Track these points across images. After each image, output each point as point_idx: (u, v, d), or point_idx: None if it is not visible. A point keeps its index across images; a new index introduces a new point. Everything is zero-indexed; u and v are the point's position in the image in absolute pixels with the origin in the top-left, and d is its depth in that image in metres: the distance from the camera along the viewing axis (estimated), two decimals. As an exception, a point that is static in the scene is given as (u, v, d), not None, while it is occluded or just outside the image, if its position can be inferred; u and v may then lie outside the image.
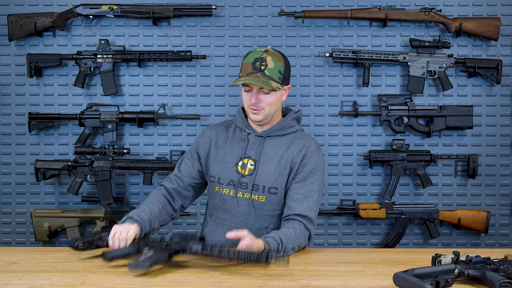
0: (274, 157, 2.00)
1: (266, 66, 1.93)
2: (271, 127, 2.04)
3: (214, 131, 2.11)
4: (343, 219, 2.94)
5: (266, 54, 1.95)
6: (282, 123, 2.05)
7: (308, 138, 2.06)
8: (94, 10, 2.82)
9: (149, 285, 1.47)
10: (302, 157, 1.99)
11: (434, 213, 2.82)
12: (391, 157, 2.81)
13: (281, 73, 1.97)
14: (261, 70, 1.92)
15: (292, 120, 2.07)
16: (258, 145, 2.02)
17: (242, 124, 2.07)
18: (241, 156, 2.01)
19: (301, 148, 2.01)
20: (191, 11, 2.82)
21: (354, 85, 2.90)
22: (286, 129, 2.05)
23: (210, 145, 2.08)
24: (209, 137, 2.10)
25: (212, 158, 2.06)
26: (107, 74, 2.84)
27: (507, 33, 2.87)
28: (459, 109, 2.82)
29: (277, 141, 2.03)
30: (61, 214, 2.85)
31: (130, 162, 2.82)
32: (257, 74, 1.92)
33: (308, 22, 2.89)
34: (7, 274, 1.58)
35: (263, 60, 1.94)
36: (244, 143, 2.03)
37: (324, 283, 1.48)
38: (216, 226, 2.06)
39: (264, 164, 1.99)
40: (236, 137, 2.07)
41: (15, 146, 2.94)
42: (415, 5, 2.88)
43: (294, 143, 2.02)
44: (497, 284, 1.34)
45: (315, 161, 2.00)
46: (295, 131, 2.06)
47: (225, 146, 2.06)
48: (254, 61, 1.94)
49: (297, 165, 1.98)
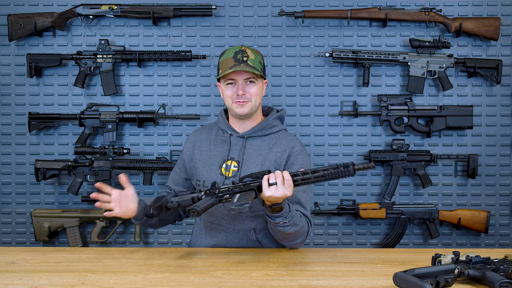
0: (257, 158, 1.98)
1: (248, 57, 1.95)
2: (252, 128, 2.02)
3: (197, 135, 2.12)
4: (343, 219, 2.94)
5: (244, 47, 1.98)
6: (264, 123, 2.03)
7: (291, 138, 2.04)
8: (94, 10, 2.82)
9: (149, 285, 1.47)
10: (286, 157, 1.98)
11: (434, 213, 2.82)
12: (391, 157, 2.81)
13: (261, 65, 2.00)
14: (244, 61, 1.93)
15: (274, 119, 2.06)
16: (241, 146, 2.01)
17: (224, 125, 2.06)
18: (225, 158, 2.00)
19: (285, 149, 1.99)
20: (191, 11, 2.82)
21: (354, 85, 2.90)
22: (268, 129, 2.03)
23: (194, 149, 2.09)
24: (192, 142, 2.11)
25: (197, 162, 2.06)
26: (107, 74, 2.84)
27: (507, 33, 2.87)
28: (459, 109, 2.82)
29: (259, 141, 2.02)
30: (61, 214, 2.85)
31: (130, 162, 2.82)
32: (241, 65, 1.93)
33: (308, 22, 2.89)
34: (7, 274, 1.58)
35: (244, 52, 1.96)
36: (227, 145, 2.02)
37: (324, 283, 1.48)
38: (205, 229, 2.06)
39: (248, 165, 1.97)
40: (219, 139, 2.06)
41: (15, 146, 2.94)
42: (415, 5, 2.88)
43: (277, 144, 2.01)
44: (497, 284, 1.34)
45: (301, 161, 1.98)
46: (277, 131, 2.05)
47: (208, 149, 2.06)
48: (235, 54, 1.95)
49: (282, 166, 1.97)
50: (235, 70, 1.92)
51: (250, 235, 1.98)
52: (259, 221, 1.98)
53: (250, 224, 1.98)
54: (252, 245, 1.99)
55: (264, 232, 1.99)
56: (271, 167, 1.96)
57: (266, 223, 1.97)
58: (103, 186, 1.89)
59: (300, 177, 1.70)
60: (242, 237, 1.98)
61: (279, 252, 1.87)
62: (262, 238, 2.00)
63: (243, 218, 1.97)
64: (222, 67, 1.97)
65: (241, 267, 1.64)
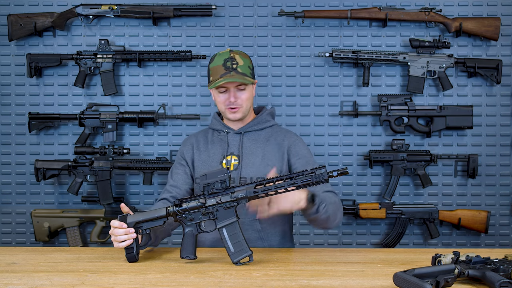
0: (256, 150, 2.06)
1: (237, 64, 2.00)
2: (248, 123, 2.11)
3: (193, 138, 2.17)
4: (343, 219, 2.93)
5: (233, 53, 2.02)
6: (258, 118, 2.12)
7: (285, 130, 2.14)
8: (94, 10, 2.83)
9: (149, 285, 1.47)
10: (287, 149, 2.05)
11: (434, 213, 2.82)
12: (391, 157, 2.81)
13: (250, 69, 2.05)
14: (234, 69, 1.99)
15: (267, 115, 2.15)
16: (239, 142, 2.08)
17: (220, 125, 2.13)
18: (224, 155, 2.07)
19: (283, 139, 2.08)
20: (191, 11, 2.82)
21: (354, 85, 2.90)
22: (263, 124, 2.12)
23: (193, 150, 2.13)
24: (190, 144, 2.15)
25: (197, 161, 2.11)
26: (107, 74, 2.84)
27: (507, 33, 2.87)
28: (459, 109, 2.82)
29: (256, 135, 2.10)
30: (61, 214, 2.85)
31: (130, 162, 2.82)
32: (231, 73, 1.98)
33: (308, 22, 2.89)
34: (7, 274, 1.58)
35: (233, 59, 2.01)
36: (225, 142, 2.09)
37: (324, 283, 1.48)
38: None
39: (248, 157, 2.05)
40: (216, 139, 2.13)
41: (15, 146, 2.94)
42: (415, 5, 2.88)
43: (273, 136, 2.10)
44: (497, 284, 1.34)
45: (301, 149, 2.07)
46: (271, 125, 2.14)
47: (206, 148, 2.11)
48: (225, 62, 2.00)
49: (285, 157, 2.04)
50: (227, 80, 1.97)
51: (254, 224, 2.01)
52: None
53: (255, 213, 2.00)
54: (256, 236, 2.01)
55: (269, 222, 2.02)
56: (271, 159, 2.03)
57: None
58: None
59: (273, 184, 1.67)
60: (247, 227, 2.01)
61: (279, 252, 1.87)
62: (266, 227, 2.03)
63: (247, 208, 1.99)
64: (213, 75, 2.04)
65: (241, 267, 1.64)
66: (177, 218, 1.72)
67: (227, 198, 1.69)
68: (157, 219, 1.72)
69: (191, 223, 1.71)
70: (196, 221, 1.71)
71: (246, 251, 1.67)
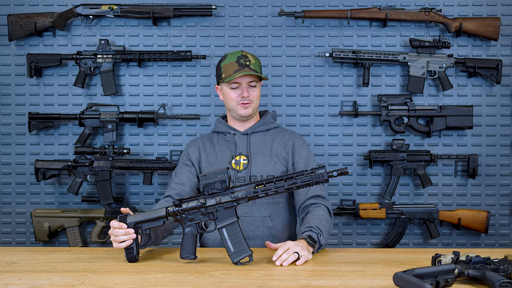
0: (264, 149, 2.11)
1: (250, 61, 2.07)
2: (254, 124, 2.16)
3: (199, 141, 2.20)
4: (343, 219, 2.93)
5: (245, 52, 2.10)
6: (264, 119, 2.19)
7: (290, 131, 2.22)
8: (94, 10, 2.82)
9: (149, 285, 1.47)
10: (291, 150, 2.11)
11: (434, 213, 2.82)
12: (391, 157, 2.81)
13: (260, 68, 2.12)
14: (247, 65, 2.06)
15: (271, 117, 2.22)
16: (246, 142, 2.13)
17: (226, 128, 2.17)
18: (233, 155, 2.10)
19: (288, 139, 2.15)
20: (191, 11, 2.82)
21: (354, 85, 2.90)
22: (268, 125, 2.19)
23: (200, 152, 2.16)
24: (196, 146, 2.18)
25: (204, 163, 2.13)
26: (107, 74, 2.84)
27: (507, 33, 2.87)
28: (459, 109, 2.82)
29: (262, 136, 2.16)
30: (61, 214, 2.85)
31: (130, 162, 2.82)
32: (245, 69, 2.05)
33: (308, 22, 2.89)
34: (7, 274, 1.58)
35: (246, 57, 2.08)
36: (232, 143, 2.13)
37: (324, 283, 1.48)
38: None
39: (257, 156, 2.10)
40: (222, 141, 2.16)
41: (15, 146, 2.94)
42: (415, 5, 2.88)
43: (278, 136, 2.17)
44: (497, 284, 1.34)
45: (304, 149, 2.13)
46: (275, 126, 2.21)
47: (214, 150, 2.14)
48: (238, 59, 2.07)
49: (290, 157, 2.10)
50: (244, 74, 2.03)
51: (266, 221, 2.05)
52: (274, 208, 2.07)
53: (266, 211, 2.06)
54: (267, 233, 2.05)
55: (280, 219, 2.08)
56: (279, 157, 2.10)
57: (281, 210, 2.09)
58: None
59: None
60: (258, 224, 2.04)
61: (279, 252, 1.87)
62: (277, 224, 2.07)
63: (259, 205, 2.04)
64: (226, 71, 2.08)
65: (241, 267, 1.64)
66: (177, 218, 1.72)
67: (227, 198, 1.69)
68: (156, 219, 1.72)
69: (191, 223, 1.71)
70: (196, 221, 1.71)
71: (246, 251, 1.67)
